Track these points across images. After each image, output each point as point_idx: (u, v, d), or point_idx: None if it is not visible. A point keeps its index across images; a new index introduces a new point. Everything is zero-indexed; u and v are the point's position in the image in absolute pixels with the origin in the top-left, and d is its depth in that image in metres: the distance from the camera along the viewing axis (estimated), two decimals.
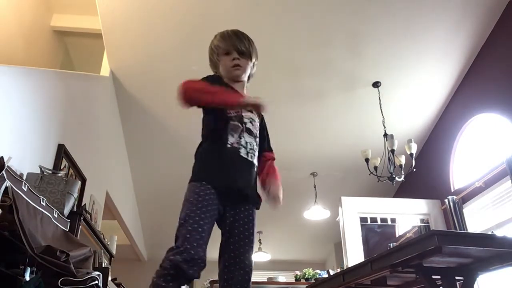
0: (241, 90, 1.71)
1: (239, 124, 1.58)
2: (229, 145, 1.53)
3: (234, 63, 1.67)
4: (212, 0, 3.87)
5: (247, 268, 1.51)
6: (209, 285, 5.11)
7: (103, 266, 3.59)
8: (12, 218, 1.75)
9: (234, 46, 1.68)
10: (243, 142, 1.56)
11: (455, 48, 4.48)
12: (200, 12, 3.94)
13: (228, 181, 1.50)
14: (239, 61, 1.68)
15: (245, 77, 1.74)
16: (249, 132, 1.61)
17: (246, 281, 1.49)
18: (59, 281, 1.90)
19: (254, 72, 1.80)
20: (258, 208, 1.64)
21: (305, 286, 4.83)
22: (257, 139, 1.66)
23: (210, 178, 1.48)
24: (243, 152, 1.55)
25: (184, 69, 4.50)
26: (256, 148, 1.63)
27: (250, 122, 1.63)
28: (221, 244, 1.55)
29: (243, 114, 1.61)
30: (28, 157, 2.74)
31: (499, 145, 4.21)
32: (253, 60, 1.75)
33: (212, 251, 1.59)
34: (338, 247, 7.46)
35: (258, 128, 1.69)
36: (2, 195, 1.71)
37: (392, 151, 4.35)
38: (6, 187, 1.74)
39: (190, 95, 1.51)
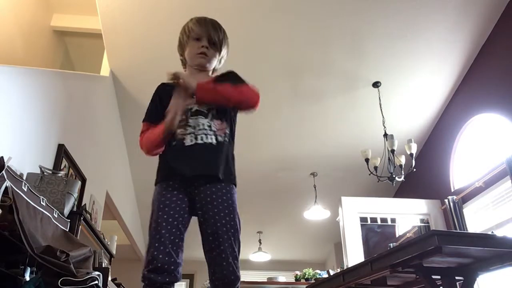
0: (204, 79, 1.59)
1: (184, 117, 1.51)
2: (174, 143, 1.49)
3: (201, 50, 1.60)
4: (213, 1, 3.87)
5: (226, 253, 1.38)
6: (209, 285, 5.11)
7: (103, 266, 3.59)
8: (12, 218, 1.74)
9: (207, 34, 1.62)
10: (190, 130, 1.49)
11: (455, 48, 4.48)
12: (200, 12, 3.92)
13: (178, 170, 1.45)
14: (207, 50, 1.61)
15: (209, 67, 1.66)
16: (198, 113, 1.53)
17: (229, 272, 1.38)
18: (59, 281, 1.90)
19: (219, 67, 1.72)
20: (230, 183, 1.50)
21: (305, 286, 4.83)
22: (213, 111, 1.55)
23: (163, 178, 1.48)
24: (188, 141, 1.47)
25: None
26: (211, 122, 1.52)
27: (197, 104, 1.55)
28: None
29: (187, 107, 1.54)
30: (28, 157, 2.74)
31: (499, 145, 4.21)
32: (222, 53, 1.68)
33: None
34: (338, 247, 7.46)
35: None
36: (2, 195, 1.71)
37: (392, 151, 4.35)
38: (6, 187, 1.74)
39: (147, 150, 1.55)
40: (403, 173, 4.36)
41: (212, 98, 1.50)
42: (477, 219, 4.52)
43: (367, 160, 4.52)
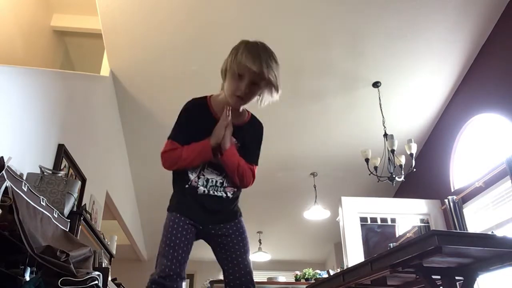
0: (235, 117, 1.56)
1: (200, 166, 1.58)
2: (187, 186, 1.56)
3: (239, 94, 1.47)
4: (213, 0, 3.87)
5: (247, 275, 1.56)
6: (209, 285, 5.11)
7: (103, 266, 3.59)
8: (12, 218, 1.74)
9: (252, 74, 1.44)
10: (201, 181, 1.56)
11: (455, 48, 4.48)
12: (201, 12, 3.94)
13: (192, 216, 1.55)
14: (245, 94, 1.48)
15: (244, 106, 1.60)
16: (213, 167, 1.57)
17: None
18: (59, 281, 1.90)
19: (267, 100, 1.60)
20: (239, 217, 1.64)
21: (305, 286, 4.83)
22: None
23: (180, 211, 1.55)
24: (201, 191, 1.55)
25: (184, 69, 4.51)
26: (222, 181, 1.58)
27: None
28: (217, 259, 1.61)
29: None
30: (28, 157, 2.74)
31: (499, 145, 4.21)
32: (268, 93, 1.57)
33: (209, 250, 1.60)
34: (338, 247, 7.46)
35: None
36: (2, 195, 1.71)
37: (392, 151, 4.35)
38: (6, 187, 1.74)
39: (168, 166, 1.58)
40: (403, 173, 4.36)
41: (230, 168, 1.55)
42: (477, 219, 4.53)
43: (367, 160, 4.52)
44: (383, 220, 5.27)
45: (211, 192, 1.56)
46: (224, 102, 1.56)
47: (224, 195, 1.58)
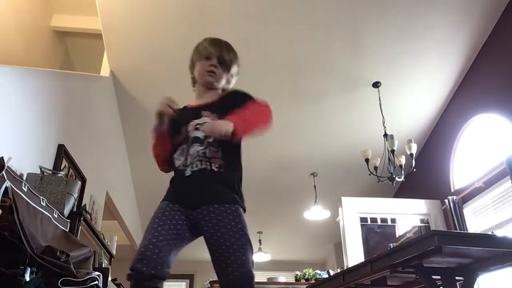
0: (212, 97, 1.68)
1: (184, 144, 1.57)
2: (176, 171, 1.58)
3: (210, 68, 1.66)
4: (212, 1, 3.87)
5: (237, 270, 1.38)
6: (209, 285, 5.11)
7: (103, 266, 3.59)
8: (12, 218, 1.74)
9: (217, 54, 1.67)
10: (189, 161, 1.54)
11: (455, 48, 4.48)
12: (200, 13, 3.94)
13: (180, 201, 1.51)
14: (215, 69, 1.66)
15: (217, 85, 1.70)
16: (195, 140, 1.56)
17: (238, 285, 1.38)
18: (59, 281, 1.90)
19: (228, 87, 1.74)
20: (232, 203, 1.48)
21: (305, 286, 4.83)
22: (210, 138, 1.53)
23: (167, 198, 1.56)
24: (188, 171, 1.52)
25: (184, 69, 4.48)
26: (204, 151, 1.53)
27: (196, 128, 1.57)
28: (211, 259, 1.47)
29: (187, 129, 1.58)
30: (28, 157, 2.74)
31: (499, 145, 4.21)
32: (231, 72, 1.72)
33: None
34: (338, 247, 7.46)
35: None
36: (2, 195, 1.71)
37: (392, 151, 4.35)
38: (6, 187, 1.74)
39: (155, 159, 1.68)
40: (403, 173, 4.36)
41: (248, 129, 1.48)
42: (477, 219, 4.53)
43: (367, 160, 4.52)
44: (383, 220, 5.27)
45: (194, 167, 1.51)
46: (198, 94, 1.74)
47: (209, 167, 1.51)
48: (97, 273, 2.12)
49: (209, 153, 1.53)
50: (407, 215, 5.32)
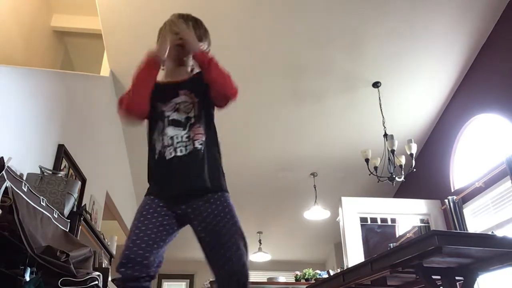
0: (183, 76, 1.61)
1: (161, 123, 1.49)
2: (156, 157, 1.46)
3: (179, 42, 1.56)
4: (213, 1, 3.87)
5: (231, 265, 1.33)
6: (209, 285, 5.10)
7: (103, 266, 3.59)
8: (12, 218, 1.74)
9: (178, 28, 1.61)
10: (167, 141, 1.45)
11: (455, 48, 4.48)
12: (201, 13, 3.93)
13: (161, 191, 1.45)
14: (184, 42, 1.56)
15: (187, 61, 1.63)
16: (175, 123, 1.48)
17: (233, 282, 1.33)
18: (59, 281, 1.90)
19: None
20: (219, 191, 1.44)
21: (305, 286, 4.83)
22: (191, 119, 1.49)
23: (151, 192, 1.48)
24: (168, 154, 1.43)
25: None
26: (187, 135, 1.46)
27: (175, 109, 1.51)
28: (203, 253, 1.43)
29: (163, 108, 1.51)
30: (28, 157, 2.74)
31: (499, 145, 4.21)
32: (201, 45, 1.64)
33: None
34: (338, 247, 7.46)
35: (191, 101, 1.53)
36: (2, 195, 1.71)
37: (392, 151, 4.35)
38: (6, 187, 1.74)
39: (124, 110, 1.52)
40: (403, 173, 4.36)
41: (221, 74, 1.47)
42: (477, 219, 4.52)
43: (367, 160, 4.52)
44: (383, 220, 5.27)
45: (178, 152, 1.42)
46: (166, 70, 1.66)
47: (192, 147, 1.44)
48: (97, 273, 2.12)
49: (192, 134, 1.47)
50: (407, 215, 5.32)
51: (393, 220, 5.48)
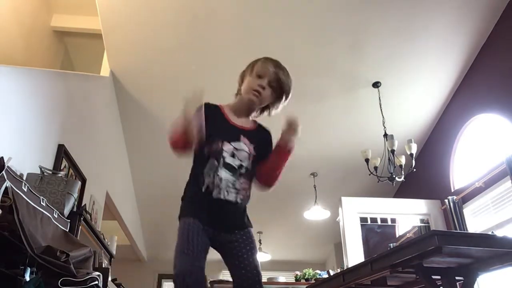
0: (250, 123, 1.66)
1: (215, 161, 1.53)
2: (203, 189, 1.51)
3: (257, 88, 1.59)
4: (213, 1, 3.87)
5: (255, 277, 1.51)
6: (209, 285, 5.10)
7: (103, 266, 3.59)
8: (12, 218, 1.74)
9: (271, 75, 1.62)
10: (217, 181, 1.51)
11: (455, 48, 4.48)
12: (201, 13, 3.94)
13: (207, 221, 1.51)
14: (263, 91, 1.59)
15: (257, 107, 1.66)
16: (228, 167, 1.53)
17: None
18: (59, 281, 1.90)
19: (272, 114, 1.73)
20: (251, 226, 1.66)
21: (305, 286, 4.82)
22: (242, 169, 1.57)
23: (194, 215, 1.51)
24: (215, 194, 1.50)
25: (184, 69, 4.51)
26: (234, 181, 1.54)
27: (232, 154, 1.55)
28: (226, 263, 1.57)
29: (223, 147, 1.54)
30: (28, 157, 2.74)
31: (499, 145, 4.21)
32: (281, 100, 1.70)
33: (210, 251, 1.59)
34: (338, 247, 7.46)
35: (248, 152, 1.59)
36: (2, 195, 1.71)
37: (392, 151, 4.35)
38: (6, 187, 1.74)
39: (173, 146, 1.56)
40: (403, 173, 4.36)
41: (282, 162, 1.70)
42: (477, 219, 4.53)
43: (367, 160, 4.52)
44: (383, 220, 5.27)
45: (222, 196, 1.50)
46: (235, 107, 1.65)
47: (234, 199, 1.54)
48: (97, 273, 2.12)
49: (239, 184, 1.55)
50: (407, 215, 5.32)
51: (393, 220, 5.48)
